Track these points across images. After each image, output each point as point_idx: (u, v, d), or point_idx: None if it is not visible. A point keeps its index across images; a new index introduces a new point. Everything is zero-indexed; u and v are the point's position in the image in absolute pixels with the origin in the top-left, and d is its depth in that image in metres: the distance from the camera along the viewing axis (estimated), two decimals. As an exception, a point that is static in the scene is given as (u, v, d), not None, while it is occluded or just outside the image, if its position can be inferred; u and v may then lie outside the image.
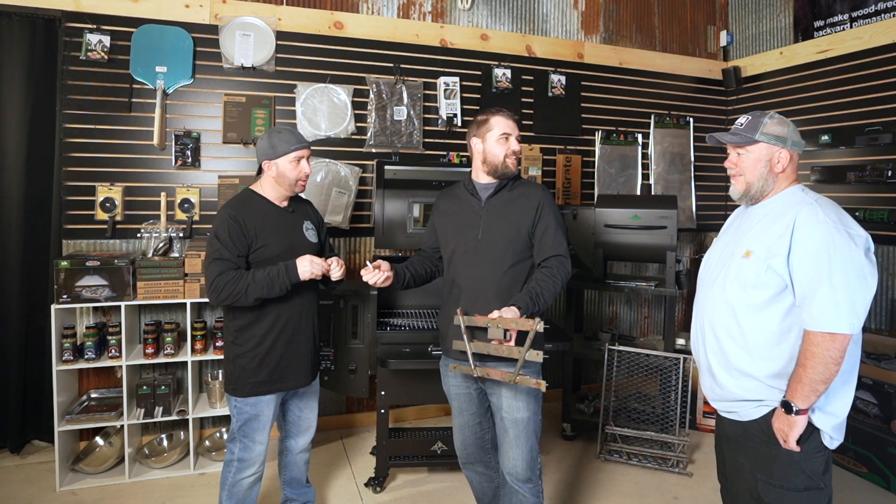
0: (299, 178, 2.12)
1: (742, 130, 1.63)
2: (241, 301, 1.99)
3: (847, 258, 1.44)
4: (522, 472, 1.97)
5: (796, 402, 1.48)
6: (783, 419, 1.51)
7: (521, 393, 1.94)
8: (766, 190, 1.63)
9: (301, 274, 2.02)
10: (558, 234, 1.95)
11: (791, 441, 1.50)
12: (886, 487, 2.85)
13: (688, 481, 2.95)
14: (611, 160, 4.08)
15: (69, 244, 2.98)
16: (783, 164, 1.60)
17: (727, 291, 1.61)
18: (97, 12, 2.96)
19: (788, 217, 1.52)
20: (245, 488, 2.15)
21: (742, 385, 1.59)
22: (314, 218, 2.31)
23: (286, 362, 2.14)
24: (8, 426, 3.00)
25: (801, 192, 1.60)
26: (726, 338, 1.61)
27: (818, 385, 1.45)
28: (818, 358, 1.44)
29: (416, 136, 3.53)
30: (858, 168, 3.44)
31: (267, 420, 2.14)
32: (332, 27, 3.39)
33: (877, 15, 3.40)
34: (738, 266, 1.59)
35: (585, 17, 4.02)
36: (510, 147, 1.97)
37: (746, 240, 1.61)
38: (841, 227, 1.47)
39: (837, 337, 1.43)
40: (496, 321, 1.71)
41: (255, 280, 1.98)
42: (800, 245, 1.48)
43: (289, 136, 2.09)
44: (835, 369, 1.44)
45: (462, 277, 2.01)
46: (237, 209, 2.07)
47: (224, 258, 2.00)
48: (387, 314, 2.95)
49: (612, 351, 3.28)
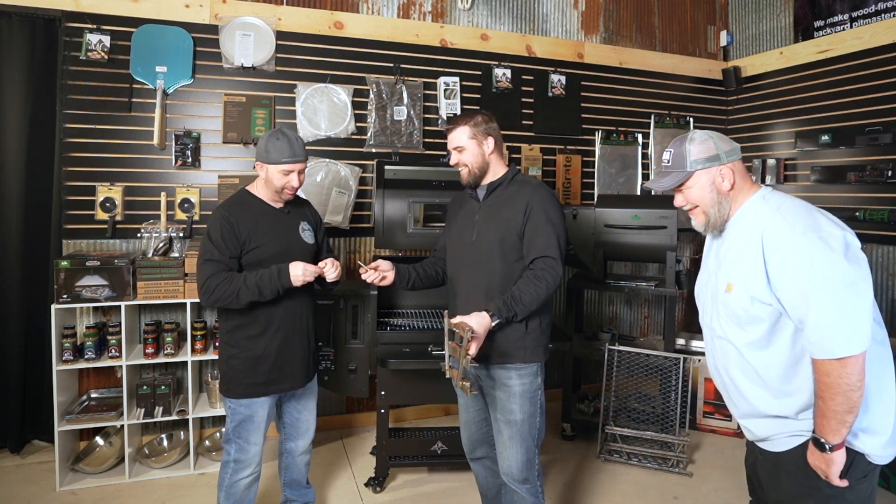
0: (285, 188, 2.09)
1: (672, 168, 1.53)
2: (233, 303, 1.98)
3: (828, 270, 1.28)
4: (517, 472, 1.97)
5: (827, 438, 1.31)
6: (818, 456, 1.35)
7: (514, 395, 1.94)
8: (725, 213, 1.51)
9: (293, 279, 2.00)
10: (547, 235, 1.88)
11: (833, 478, 1.34)
12: (886, 487, 2.85)
13: (688, 481, 2.95)
14: (611, 160, 4.08)
15: (69, 244, 2.98)
16: (729, 181, 1.48)
17: (725, 331, 1.49)
18: (97, 12, 2.96)
19: (755, 238, 1.40)
20: (242, 489, 2.14)
21: (773, 425, 1.46)
22: (311, 218, 2.29)
23: (280, 364, 2.12)
24: (8, 426, 3.00)
25: (762, 202, 1.47)
26: (743, 380, 1.48)
27: (844, 416, 1.28)
28: (835, 388, 1.28)
29: (416, 136, 3.53)
30: (858, 168, 3.44)
31: (262, 421, 2.13)
32: (333, 27, 3.39)
33: (877, 15, 3.39)
34: (725, 302, 1.48)
35: (585, 17, 4.02)
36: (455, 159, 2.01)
37: (724, 270, 1.50)
38: (811, 234, 1.32)
39: (847, 361, 1.26)
40: (455, 325, 1.72)
41: (245, 284, 1.97)
42: (774, 269, 1.35)
43: (284, 146, 2.04)
44: (857, 395, 1.27)
45: (458, 279, 2.04)
46: (231, 210, 2.06)
47: (215, 259, 1.99)
48: (387, 314, 2.95)
49: (612, 351, 3.28)
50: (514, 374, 1.93)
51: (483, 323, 1.74)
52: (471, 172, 1.99)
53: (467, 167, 1.99)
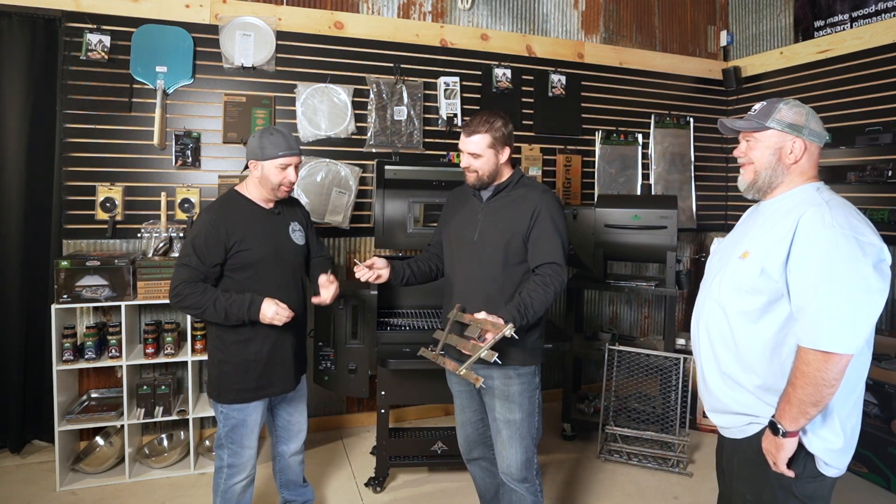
0: (282, 184, 2.04)
1: (754, 116, 1.49)
2: (197, 315, 1.96)
3: (852, 268, 1.28)
4: (517, 472, 1.97)
5: (784, 423, 1.35)
6: (770, 440, 1.39)
7: (513, 396, 1.94)
8: (775, 182, 1.48)
9: (262, 317, 1.95)
10: (554, 240, 1.89)
11: (780, 464, 1.37)
12: (886, 487, 2.85)
13: (688, 481, 2.95)
14: (611, 160, 4.08)
15: (69, 244, 2.97)
16: (796, 155, 1.45)
17: (722, 294, 1.50)
18: (97, 12, 2.96)
19: (792, 218, 1.38)
20: (238, 493, 2.12)
21: (732, 395, 1.49)
22: (301, 218, 2.25)
23: (271, 367, 2.09)
24: (8, 426, 3.00)
25: (814, 192, 1.44)
26: (719, 343, 1.51)
27: (808, 408, 1.31)
28: (809, 378, 1.29)
29: (417, 136, 3.53)
30: (858, 168, 3.44)
31: (255, 425, 2.10)
32: (333, 27, 3.39)
33: (877, 15, 3.39)
34: (734, 268, 1.47)
35: (585, 17, 4.02)
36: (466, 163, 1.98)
37: (747, 239, 1.49)
38: (850, 232, 1.30)
39: (832, 357, 1.27)
40: (478, 321, 1.71)
41: (215, 305, 1.92)
42: (799, 249, 1.33)
43: (280, 140, 2.01)
44: (828, 392, 1.29)
45: (456, 277, 2.04)
46: (219, 213, 2.01)
47: (192, 266, 1.95)
48: (387, 314, 2.95)
49: (613, 351, 3.28)
50: (513, 374, 1.94)
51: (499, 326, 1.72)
52: (480, 178, 1.97)
53: (477, 173, 1.96)
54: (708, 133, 4.37)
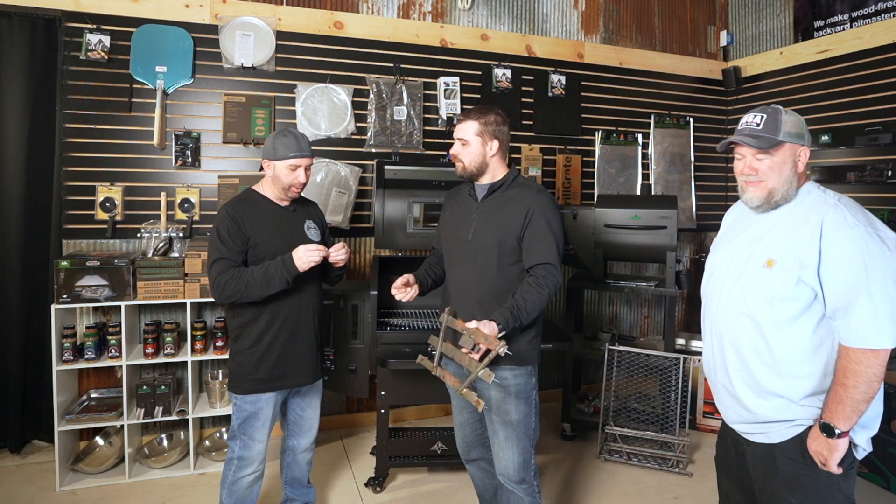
0: (293, 184, 2.11)
1: (762, 132, 1.45)
2: (245, 297, 2.00)
3: (883, 265, 1.33)
4: (514, 473, 1.97)
5: (838, 424, 1.35)
6: (822, 442, 1.38)
7: (510, 396, 1.94)
8: (791, 195, 1.48)
9: (298, 264, 1.99)
10: (548, 241, 1.87)
11: (832, 465, 1.38)
12: (886, 487, 2.85)
13: (688, 481, 2.95)
14: (611, 160, 4.08)
15: (69, 244, 2.97)
16: (804, 163, 1.47)
17: (749, 306, 1.46)
18: (97, 12, 2.96)
19: (813, 221, 1.40)
20: (245, 487, 2.15)
21: (773, 406, 1.46)
22: (317, 218, 2.31)
23: (286, 360, 2.13)
24: (8, 426, 3.00)
25: (819, 192, 1.47)
26: (752, 357, 1.47)
27: (861, 405, 1.34)
28: (861, 376, 1.32)
29: (416, 136, 3.53)
30: (858, 168, 3.44)
31: (267, 418, 2.14)
32: (332, 27, 3.39)
33: (877, 15, 3.39)
34: (760, 276, 1.45)
35: (585, 17, 4.02)
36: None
37: (764, 247, 1.47)
38: (871, 230, 1.36)
39: (880, 353, 1.32)
40: (470, 331, 1.69)
41: (253, 277, 1.99)
42: (831, 253, 1.35)
43: (291, 142, 2.08)
44: (878, 386, 1.34)
45: (453, 276, 2.05)
46: (236, 207, 2.09)
47: (224, 257, 2.01)
48: (387, 314, 2.95)
49: (612, 351, 3.28)
50: (509, 375, 1.93)
51: (493, 332, 1.70)
52: (466, 169, 1.98)
53: (463, 163, 1.98)
54: (708, 133, 4.37)
